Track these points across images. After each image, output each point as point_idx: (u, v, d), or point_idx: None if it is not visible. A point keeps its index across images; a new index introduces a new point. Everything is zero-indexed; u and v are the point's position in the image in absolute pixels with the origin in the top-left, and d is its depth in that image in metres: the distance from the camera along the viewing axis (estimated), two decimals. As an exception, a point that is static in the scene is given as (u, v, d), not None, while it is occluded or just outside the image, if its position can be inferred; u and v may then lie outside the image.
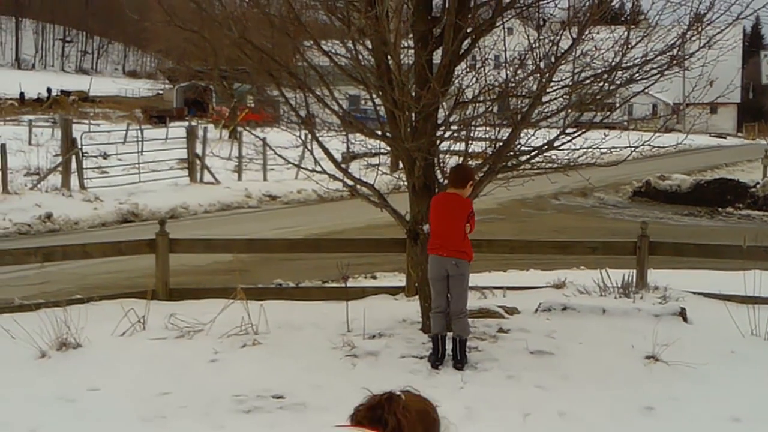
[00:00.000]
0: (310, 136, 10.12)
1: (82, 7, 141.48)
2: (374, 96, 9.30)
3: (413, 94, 8.86)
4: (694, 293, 11.39)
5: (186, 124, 36.14)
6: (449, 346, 8.56)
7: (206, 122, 44.20)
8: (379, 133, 9.71)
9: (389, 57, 8.78)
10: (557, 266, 14.14)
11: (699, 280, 12.34)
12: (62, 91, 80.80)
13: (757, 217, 27.18)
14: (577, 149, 9.56)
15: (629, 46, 8.91)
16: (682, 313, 10.22)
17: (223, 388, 7.60)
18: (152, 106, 68.91)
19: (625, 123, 11.83)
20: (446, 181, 8.95)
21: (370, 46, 9.03)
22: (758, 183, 30.06)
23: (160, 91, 78.36)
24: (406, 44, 9.89)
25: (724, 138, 75.48)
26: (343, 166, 10.35)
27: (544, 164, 9.91)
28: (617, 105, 11.08)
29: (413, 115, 8.93)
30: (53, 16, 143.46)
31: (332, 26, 9.99)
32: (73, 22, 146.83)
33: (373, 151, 12.29)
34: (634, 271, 11.70)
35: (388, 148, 10.98)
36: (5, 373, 8.11)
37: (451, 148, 10.18)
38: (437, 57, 9.18)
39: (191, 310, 9.89)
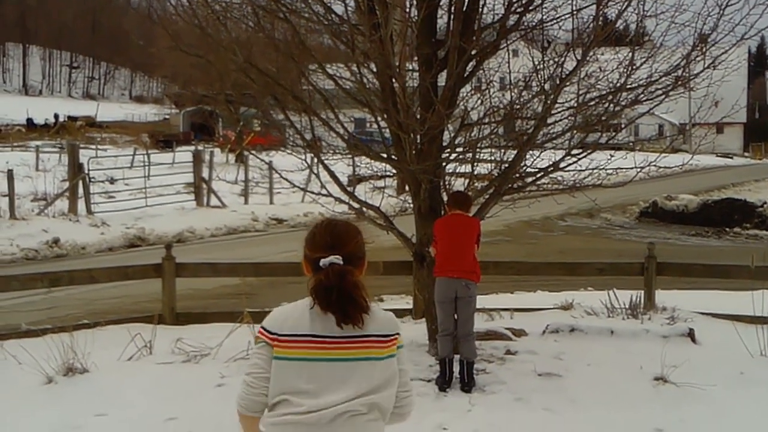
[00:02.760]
0: (315, 160, 10.12)
1: (89, 34, 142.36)
2: (379, 119, 9.32)
3: (418, 116, 8.87)
4: (702, 314, 11.35)
5: (192, 148, 36.20)
6: (457, 368, 8.53)
7: (213, 146, 44.36)
8: (385, 155, 9.72)
9: (394, 80, 8.80)
10: (565, 287, 14.10)
11: (707, 300, 12.29)
12: (69, 117, 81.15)
13: (765, 237, 27.05)
14: (583, 170, 9.56)
15: (634, 67, 8.91)
16: (691, 334, 10.18)
17: (230, 413, 7.49)
18: (159, 131, 69.07)
19: (631, 144, 11.81)
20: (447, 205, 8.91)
21: (374, 69, 9.05)
22: (765, 203, 29.97)
23: (167, 116, 78.59)
24: (410, 67, 9.91)
25: (731, 158, 75.39)
26: (350, 188, 10.35)
27: (550, 185, 9.89)
28: (623, 126, 11.08)
29: (418, 137, 8.93)
30: (60, 43, 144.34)
31: (337, 50, 10.02)
32: (79, 49, 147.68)
33: (379, 173, 12.30)
34: (642, 292, 11.67)
35: (394, 171, 10.98)
36: (12, 399, 8.08)
37: (457, 171, 10.18)
38: (442, 79, 9.20)
39: (198, 334, 9.89)
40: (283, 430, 3.26)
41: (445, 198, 9.36)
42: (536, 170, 9.51)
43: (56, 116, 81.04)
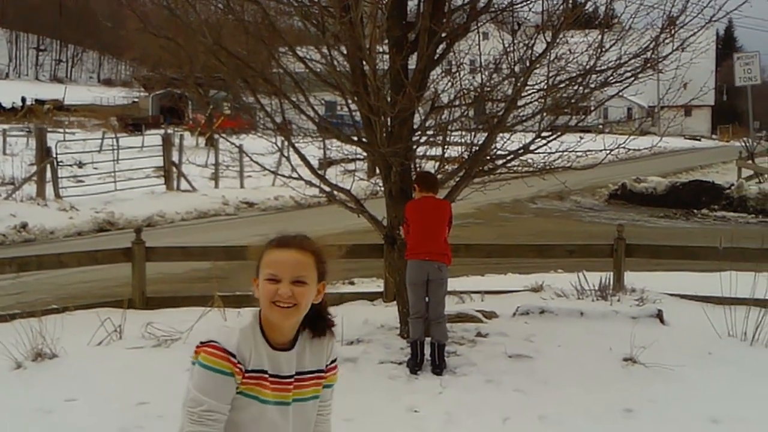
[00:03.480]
0: (286, 143, 10.09)
1: (56, 16, 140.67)
2: (350, 101, 9.29)
3: (389, 99, 8.85)
4: (671, 295, 11.45)
5: (162, 131, 35.97)
6: (428, 351, 8.55)
7: (182, 130, 44.08)
8: (355, 138, 9.70)
9: (364, 62, 8.77)
10: (535, 270, 14.16)
11: (676, 281, 12.39)
12: (37, 100, 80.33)
13: (732, 219, 27.32)
14: (553, 153, 9.59)
15: (603, 49, 8.94)
16: (659, 315, 10.27)
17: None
18: (128, 114, 68.62)
19: (601, 126, 11.86)
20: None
21: (345, 52, 9.01)
22: (733, 185, 30.22)
23: (136, 99, 78.01)
24: (381, 49, 9.88)
25: (699, 140, 76.03)
26: (320, 172, 10.32)
27: (520, 168, 9.92)
28: (592, 108, 11.13)
29: (389, 120, 8.92)
30: (27, 25, 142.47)
31: (307, 32, 9.97)
32: (47, 31, 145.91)
33: (350, 157, 12.27)
34: (611, 273, 11.74)
35: (365, 154, 10.96)
36: (-20, 384, 8.02)
37: (427, 153, 10.18)
38: (413, 62, 9.19)
39: (168, 318, 9.84)
40: None
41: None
42: (506, 153, 9.53)
43: (23, 100, 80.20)
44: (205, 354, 2.91)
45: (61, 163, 25.19)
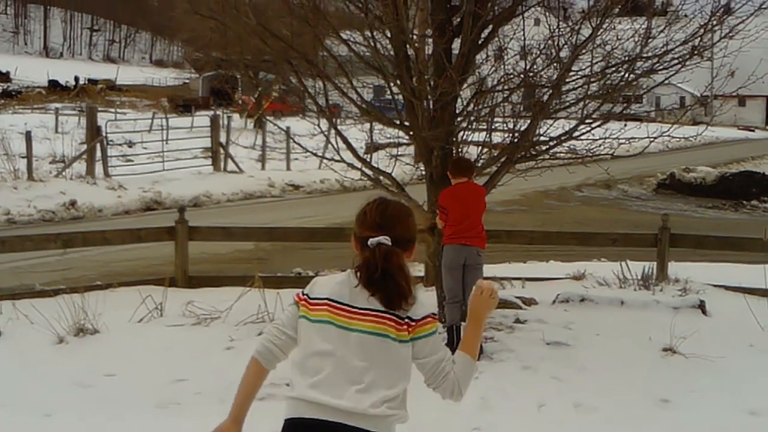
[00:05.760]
0: (330, 126, 10.11)
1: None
2: (392, 85, 9.28)
3: (431, 83, 8.83)
4: (714, 286, 11.31)
5: (211, 113, 36.25)
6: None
7: (231, 111, 44.33)
8: (398, 122, 9.69)
9: (408, 45, 8.75)
10: (578, 258, 14.07)
11: (720, 272, 12.25)
12: (90, 80, 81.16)
13: (783, 211, 26.95)
14: (597, 140, 9.50)
15: (650, 36, 8.84)
16: (702, 306, 10.15)
17: (238, 376, 7.56)
18: (178, 95, 69.03)
19: (652, 114, 11.72)
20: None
21: (388, 35, 9.00)
22: (784, 176, 29.81)
23: (187, 81, 78.48)
24: (425, 33, 9.85)
25: (753, 131, 74.79)
26: (366, 156, 10.33)
27: (563, 155, 9.85)
28: (641, 95, 11.00)
29: (431, 104, 8.90)
30: (81, 5, 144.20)
31: (352, 15, 9.97)
32: (101, 12, 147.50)
33: (396, 141, 12.26)
34: (655, 263, 11.63)
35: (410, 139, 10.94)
36: (23, 357, 8.16)
37: (469, 139, 10.14)
38: (458, 46, 9.15)
39: (209, 297, 9.93)
40: (293, 407, 3.34)
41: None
42: (549, 138, 9.46)
43: (76, 79, 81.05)
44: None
45: (111, 143, 25.51)
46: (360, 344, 3.28)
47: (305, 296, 3.44)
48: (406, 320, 3.32)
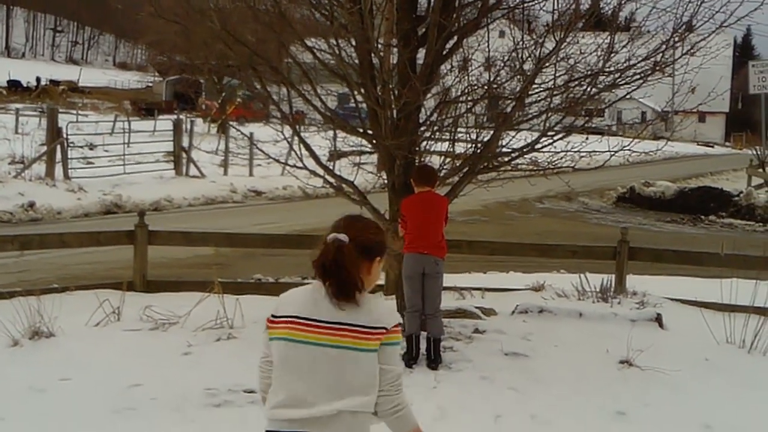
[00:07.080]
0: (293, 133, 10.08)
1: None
2: (356, 93, 9.28)
3: (395, 92, 8.84)
4: (671, 299, 11.44)
5: (174, 117, 36.02)
6: (423, 345, 8.56)
7: (194, 116, 44.12)
8: (361, 130, 9.69)
9: (372, 54, 8.76)
10: (538, 269, 14.13)
11: (677, 286, 12.39)
12: (51, 81, 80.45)
13: (740, 226, 27.18)
14: (558, 152, 9.56)
15: (613, 51, 8.91)
16: (659, 319, 10.25)
17: (195, 382, 7.56)
18: (141, 99, 68.69)
19: (612, 128, 11.83)
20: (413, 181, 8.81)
21: (353, 43, 9.00)
22: (742, 192, 30.11)
23: (150, 84, 78.19)
24: (391, 42, 9.87)
25: (712, 147, 75.77)
26: (329, 163, 10.31)
27: (525, 166, 9.90)
28: (602, 109, 11.10)
29: (395, 113, 8.90)
30: (45, 6, 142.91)
31: (317, 23, 9.95)
32: (64, 12, 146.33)
33: (360, 149, 12.26)
34: (613, 276, 11.72)
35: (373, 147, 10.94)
36: (-24, 360, 8.05)
37: (432, 149, 10.16)
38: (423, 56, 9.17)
39: (167, 302, 9.86)
40: (269, 423, 3.47)
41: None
42: (511, 150, 9.51)
43: (38, 79, 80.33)
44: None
45: (71, 144, 25.24)
46: (328, 358, 3.37)
47: (272, 317, 3.56)
48: (381, 329, 3.42)
